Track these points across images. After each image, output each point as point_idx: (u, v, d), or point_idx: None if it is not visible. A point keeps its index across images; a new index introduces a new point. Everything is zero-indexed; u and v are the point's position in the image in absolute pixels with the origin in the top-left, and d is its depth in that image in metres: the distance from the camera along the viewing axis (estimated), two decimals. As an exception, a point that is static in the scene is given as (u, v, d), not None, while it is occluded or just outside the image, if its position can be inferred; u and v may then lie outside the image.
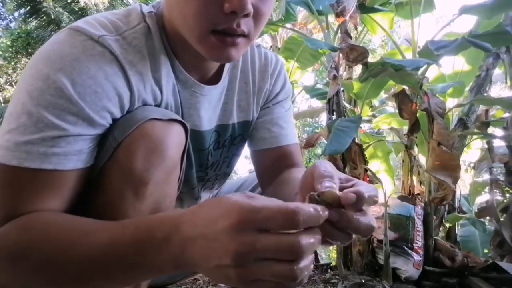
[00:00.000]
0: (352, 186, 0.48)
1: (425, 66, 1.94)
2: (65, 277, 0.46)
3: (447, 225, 2.30)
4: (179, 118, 0.63)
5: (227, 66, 0.76)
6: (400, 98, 2.01)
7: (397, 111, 2.08)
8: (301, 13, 3.56)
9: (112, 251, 0.43)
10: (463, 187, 3.27)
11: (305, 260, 0.37)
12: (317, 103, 3.81)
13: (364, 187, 0.45)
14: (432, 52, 1.67)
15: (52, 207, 0.52)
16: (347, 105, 2.37)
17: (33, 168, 0.50)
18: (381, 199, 1.66)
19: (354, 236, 0.45)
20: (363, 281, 1.76)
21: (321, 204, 0.41)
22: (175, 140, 0.60)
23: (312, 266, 0.40)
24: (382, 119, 2.76)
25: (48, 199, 0.52)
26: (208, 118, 0.75)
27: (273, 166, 0.83)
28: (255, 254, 0.36)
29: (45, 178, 0.51)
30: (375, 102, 3.11)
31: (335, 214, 0.42)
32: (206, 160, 0.82)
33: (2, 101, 9.77)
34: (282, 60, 0.88)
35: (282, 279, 0.37)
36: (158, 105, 0.66)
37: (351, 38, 2.12)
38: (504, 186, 2.20)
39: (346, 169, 2.02)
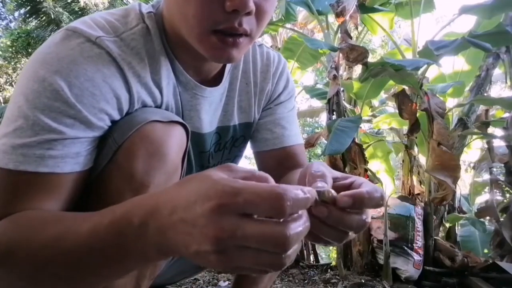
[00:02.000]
0: (350, 184, 0.45)
1: (425, 66, 1.95)
2: (49, 273, 0.45)
3: (447, 225, 2.31)
4: (180, 119, 0.62)
5: (228, 66, 0.75)
6: (400, 98, 2.01)
7: (397, 111, 2.09)
8: (301, 13, 3.55)
9: (92, 242, 0.41)
10: (463, 187, 3.27)
11: (292, 248, 0.34)
12: (317, 103, 3.81)
13: (367, 188, 0.42)
14: (432, 52, 1.67)
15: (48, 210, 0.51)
16: (347, 105, 2.37)
17: (29, 171, 0.50)
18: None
19: (350, 233, 0.42)
20: (363, 281, 1.76)
21: (318, 202, 0.39)
22: (176, 142, 0.59)
23: (299, 248, 0.36)
24: (382, 119, 2.76)
25: (44, 203, 0.51)
26: (209, 120, 0.74)
27: (277, 168, 0.80)
28: (235, 241, 0.33)
29: (41, 182, 0.51)
30: (375, 102, 3.11)
31: (323, 209, 0.39)
32: (208, 162, 0.81)
33: (2, 101, 9.77)
34: (285, 59, 0.86)
35: (266, 267, 0.35)
36: (158, 107, 0.65)
37: (351, 38, 2.12)
38: (504, 186, 2.20)
39: (346, 169, 2.02)
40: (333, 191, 0.41)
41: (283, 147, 0.81)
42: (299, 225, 0.35)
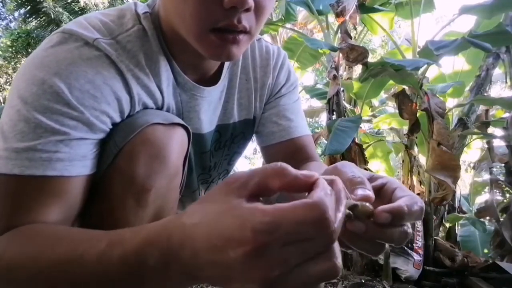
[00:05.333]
0: (381, 186, 0.42)
1: (425, 66, 1.95)
2: None
3: (447, 225, 2.31)
4: (181, 121, 0.62)
5: (227, 63, 0.74)
6: (400, 98, 2.01)
7: (397, 111, 2.09)
8: (301, 13, 3.56)
9: (100, 274, 0.38)
10: (463, 187, 3.27)
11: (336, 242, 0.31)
12: (317, 103, 3.81)
13: (405, 200, 0.38)
14: (432, 52, 1.67)
15: (56, 218, 0.50)
16: (347, 105, 2.37)
17: (37, 175, 0.48)
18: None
19: (387, 246, 0.39)
20: (363, 281, 1.76)
21: (353, 217, 0.35)
22: (177, 145, 0.59)
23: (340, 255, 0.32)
24: (382, 119, 2.76)
25: (52, 209, 0.49)
26: (208, 120, 0.74)
27: (287, 162, 0.78)
28: (286, 269, 0.30)
29: (49, 186, 0.49)
30: (375, 102, 3.11)
31: (360, 225, 0.36)
32: (209, 162, 0.80)
33: (2, 101, 9.77)
34: (284, 52, 0.84)
35: (319, 276, 0.31)
36: (160, 109, 0.64)
37: (351, 38, 2.12)
38: (504, 186, 2.20)
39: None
40: (368, 205, 0.37)
41: (291, 138, 0.79)
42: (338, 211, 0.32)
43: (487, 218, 2.19)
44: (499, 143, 2.28)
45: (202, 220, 0.33)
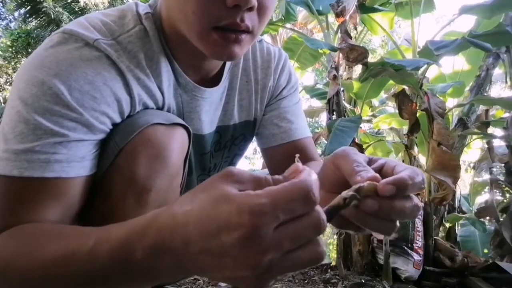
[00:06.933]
0: (381, 167, 0.44)
1: (425, 66, 1.94)
2: None
3: (447, 225, 2.31)
4: (182, 122, 0.62)
5: (228, 65, 0.74)
6: (400, 98, 2.01)
7: (397, 111, 2.09)
8: (301, 13, 3.55)
9: (91, 267, 0.39)
10: (463, 187, 3.27)
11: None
12: (317, 103, 3.81)
13: (407, 171, 0.40)
14: (432, 52, 1.67)
15: (54, 218, 0.50)
16: (347, 105, 2.38)
17: (35, 177, 0.49)
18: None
19: (398, 224, 0.41)
20: (363, 281, 1.76)
21: (360, 198, 0.37)
22: (178, 145, 0.59)
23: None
24: (382, 119, 2.76)
25: (50, 210, 0.50)
26: (209, 121, 0.74)
27: (287, 163, 0.79)
28: (280, 255, 0.31)
29: (47, 188, 0.50)
30: (375, 102, 3.11)
31: (372, 204, 0.38)
32: (209, 163, 0.80)
33: (2, 101, 9.77)
34: (285, 53, 0.84)
35: (306, 263, 0.33)
36: (160, 109, 0.64)
37: (351, 38, 2.12)
38: (504, 186, 2.20)
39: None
40: (373, 182, 0.39)
41: (292, 141, 0.80)
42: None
43: (487, 218, 2.19)
44: (499, 143, 2.28)
45: (195, 207, 0.33)
